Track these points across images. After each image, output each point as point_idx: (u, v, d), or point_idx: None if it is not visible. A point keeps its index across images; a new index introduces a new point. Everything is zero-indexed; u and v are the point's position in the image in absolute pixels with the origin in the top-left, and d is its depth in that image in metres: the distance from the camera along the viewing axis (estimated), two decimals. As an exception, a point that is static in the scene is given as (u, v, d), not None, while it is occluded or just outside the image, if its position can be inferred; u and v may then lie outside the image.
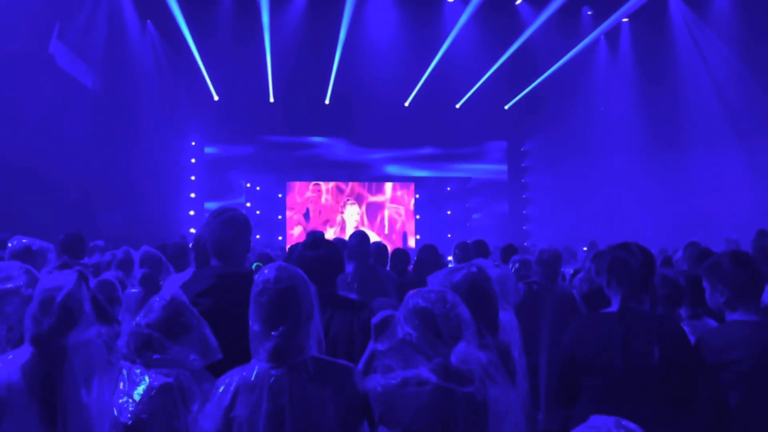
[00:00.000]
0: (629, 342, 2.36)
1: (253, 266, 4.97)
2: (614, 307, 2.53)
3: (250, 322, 2.01)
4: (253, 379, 1.92)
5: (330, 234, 16.32)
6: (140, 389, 2.06)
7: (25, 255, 3.70)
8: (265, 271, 2.03)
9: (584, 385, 2.49)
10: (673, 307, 3.11)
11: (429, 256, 5.40)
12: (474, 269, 2.39)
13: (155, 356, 2.10)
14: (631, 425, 1.32)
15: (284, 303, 1.98)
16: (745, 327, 2.51)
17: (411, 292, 2.09)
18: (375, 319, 2.19)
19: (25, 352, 2.34)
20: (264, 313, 1.97)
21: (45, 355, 2.31)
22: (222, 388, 1.94)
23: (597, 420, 1.36)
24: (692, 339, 2.59)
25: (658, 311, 2.67)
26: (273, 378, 1.92)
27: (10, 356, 2.35)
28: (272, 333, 1.95)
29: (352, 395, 1.97)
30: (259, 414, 1.88)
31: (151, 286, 3.86)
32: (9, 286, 2.78)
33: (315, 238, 2.95)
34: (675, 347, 2.37)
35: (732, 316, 2.57)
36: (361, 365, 2.24)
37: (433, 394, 1.91)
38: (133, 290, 3.91)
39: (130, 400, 2.04)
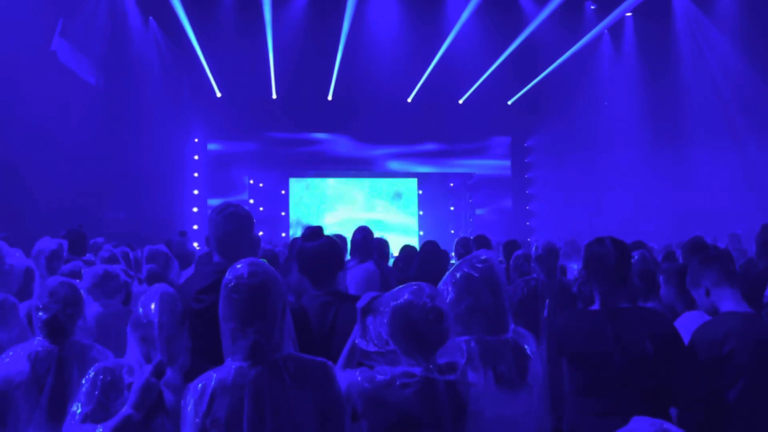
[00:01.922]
0: (619, 338, 2.37)
1: None
2: (597, 304, 2.53)
3: (221, 321, 1.94)
4: (230, 380, 1.84)
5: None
6: None
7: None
8: (238, 266, 1.97)
9: (572, 379, 2.49)
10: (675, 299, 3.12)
11: (432, 252, 5.39)
12: (472, 265, 2.31)
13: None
14: (673, 427, 1.29)
15: (260, 298, 1.91)
16: (738, 318, 2.52)
17: (388, 293, 2.06)
18: (360, 303, 2.16)
19: (34, 341, 2.45)
20: (239, 310, 1.90)
21: (52, 343, 2.41)
22: (197, 395, 1.83)
23: (637, 422, 1.33)
24: (689, 330, 2.59)
25: (658, 306, 2.67)
26: (252, 377, 1.84)
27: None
28: (249, 330, 1.88)
29: (331, 393, 1.92)
30: (240, 415, 1.80)
31: (156, 282, 3.85)
32: None
33: (313, 230, 2.90)
34: (663, 340, 2.37)
35: (724, 308, 2.59)
36: (342, 359, 2.21)
37: (416, 386, 1.91)
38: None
39: None
